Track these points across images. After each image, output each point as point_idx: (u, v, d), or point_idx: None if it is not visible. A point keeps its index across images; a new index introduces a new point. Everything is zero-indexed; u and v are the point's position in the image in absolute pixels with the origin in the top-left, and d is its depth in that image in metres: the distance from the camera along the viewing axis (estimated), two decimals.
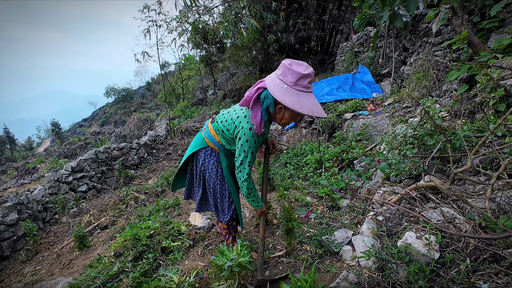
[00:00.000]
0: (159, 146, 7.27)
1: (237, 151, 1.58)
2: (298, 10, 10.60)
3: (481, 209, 1.69)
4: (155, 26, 7.17)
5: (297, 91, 1.38)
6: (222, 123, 1.66)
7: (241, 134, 1.52)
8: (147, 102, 31.06)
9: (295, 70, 1.36)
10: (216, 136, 1.74)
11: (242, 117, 1.54)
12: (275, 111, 1.49)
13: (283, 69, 1.40)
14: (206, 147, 1.80)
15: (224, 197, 1.88)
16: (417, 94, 4.23)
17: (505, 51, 2.86)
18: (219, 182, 1.83)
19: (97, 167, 5.41)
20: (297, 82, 1.37)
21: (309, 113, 1.36)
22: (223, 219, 1.91)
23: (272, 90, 1.40)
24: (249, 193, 1.68)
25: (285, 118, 1.51)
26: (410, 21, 5.36)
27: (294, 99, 1.36)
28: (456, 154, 2.07)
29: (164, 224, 2.62)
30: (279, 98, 1.38)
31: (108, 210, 4.05)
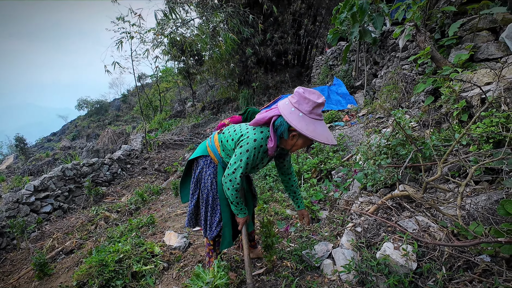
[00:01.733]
0: (134, 160, 6.95)
1: (233, 158, 1.55)
2: (274, 24, 10.93)
3: (452, 217, 1.74)
4: (129, 38, 7.00)
5: (313, 119, 1.41)
6: (229, 133, 1.66)
7: (244, 142, 1.52)
8: (123, 115, 29.99)
9: (310, 99, 1.39)
10: (218, 148, 1.74)
11: (251, 129, 1.56)
12: (288, 138, 1.50)
13: (298, 97, 1.42)
14: (207, 156, 1.80)
15: (214, 212, 1.83)
16: (388, 105, 4.43)
17: (464, 65, 3.09)
18: (212, 195, 1.80)
19: (64, 185, 5.02)
20: (312, 110, 1.40)
21: (324, 141, 1.39)
22: (209, 235, 1.84)
23: (289, 118, 1.41)
24: (237, 202, 1.66)
25: (297, 145, 1.54)
26: (379, 37, 5.69)
27: (311, 127, 1.39)
28: (427, 163, 2.14)
29: (135, 245, 2.44)
30: (297, 127, 1.39)
31: (75, 232, 3.73)
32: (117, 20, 6.90)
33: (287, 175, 1.89)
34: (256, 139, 1.50)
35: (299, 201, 1.93)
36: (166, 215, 3.62)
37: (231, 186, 1.58)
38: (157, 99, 17.09)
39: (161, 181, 5.79)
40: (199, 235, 2.85)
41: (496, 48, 3.04)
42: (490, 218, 1.60)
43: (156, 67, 10.85)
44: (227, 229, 1.82)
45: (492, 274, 1.37)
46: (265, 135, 1.52)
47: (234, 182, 1.56)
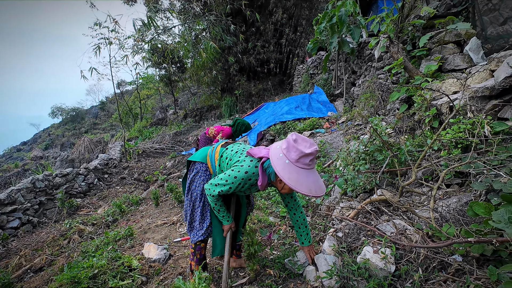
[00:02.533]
0: (112, 170, 6.68)
1: (222, 175, 1.58)
2: (257, 33, 11.12)
3: (427, 219, 1.81)
4: (107, 44, 6.83)
5: (298, 168, 1.40)
6: (231, 152, 1.69)
7: (237, 169, 1.55)
8: (101, 123, 28.90)
9: (298, 148, 1.40)
10: (217, 160, 1.77)
11: (249, 159, 1.58)
12: (276, 181, 1.55)
13: (288, 144, 1.44)
14: (204, 163, 1.83)
15: (204, 217, 1.85)
16: (366, 112, 4.60)
17: (433, 75, 3.29)
18: (202, 199, 1.82)
19: (34, 197, 4.71)
20: (298, 159, 1.40)
21: (306, 193, 1.37)
22: (193, 238, 1.85)
23: (274, 164, 1.43)
24: (218, 209, 1.70)
25: (285, 189, 1.57)
26: (356, 48, 5.95)
27: (293, 176, 1.38)
28: (402, 168, 2.23)
29: (112, 260, 2.32)
30: (279, 174, 1.40)
31: (45, 248, 3.48)
32: (95, 25, 6.72)
33: (291, 210, 1.87)
34: (248, 171, 1.53)
35: (302, 238, 1.88)
36: (146, 226, 3.49)
37: (209, 194, 1.64)
38: (137, 107, 16.66)
39: (141, 191, 5.59)
40: (180, 246, 2.76)
41: (461, 59, 3.27)
42: (461, 219, 1.69)
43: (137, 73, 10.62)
44: (217, 236, 1.85)
45: (464, 273, 1.43)
46: (256, 171, 1.54)
47: (211, 192, 1.61)
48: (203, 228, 1.84)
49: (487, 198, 1.73)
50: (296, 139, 1.43)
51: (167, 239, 2.99)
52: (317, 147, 1.45)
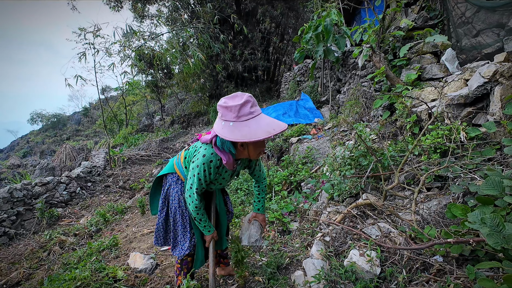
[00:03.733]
0: (95, 178, 6.47)
1: (189, 173, 1.56)
2: (244, 41, 11.26)
3: (409, 221, 1.88)
4: (93, 50, 6.70)
5: (244, 122, 1.34)
6: (192, 149, 1.66)
7: (196, 158, 1.52)
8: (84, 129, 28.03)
9: (231, 105, 1.34)
10: (183, 164, 1.72)
11: (204, 145, 1.54)
12: (238, 150, 1.49)
13: (221, 110, 1.38)
14: (174, 173, 1.77)
15: (185, 231, 1.78)
16: (351, 119, 4.73)
17: (413, 84, 3.45)
18: (180, 211, 1.75)
19: (11, 208, 4.48)
20: (239, 114, 1.33)
21: (266, 136, 1.31)
22: (179, 254, 1.78)
23: (221, 134, 1.36)
24: (200, 218, 1.63)
25: (251, 151, 1.49)
26: (341, 56, 6.14)
27: (245, 131, 1.32)
28: (386, 173, 2.31)
29: (96, 271, 2.24)
30: (230, 138, 1.34)
31: (23, 261, 3.31)
32: (80, 30, 6.59)
33: (257, 182, 1.88)
34: (205, 154, 1.47)
35: (260, 204, 1.90)
36: (131, 236, 3.40)
37: (191, 201, 1.57)
38: (122, 113, 16.31)
39: (126, 199, 5.44)
40: (167, 255, 2.70)
41: (438, 69, 3.45)
42: (441, 221, 1.76)
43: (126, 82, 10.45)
44: (199, 248, 1.78)
45: (445, 273, 1.49)
46: (213, 151, 1.48)
47: (193, 198, 1.55)
48: (186, 241, 1.77)
49: (464, 200, 1.82)
50: (225, 101, 1.38)
51: (153, 248, 2.92)
52: (249, 94, 1.39)
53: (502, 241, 1.15)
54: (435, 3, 4.38)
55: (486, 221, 1.25)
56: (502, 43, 3.27)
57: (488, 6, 3.61)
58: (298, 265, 2.10)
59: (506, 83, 2.11)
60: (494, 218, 1.24)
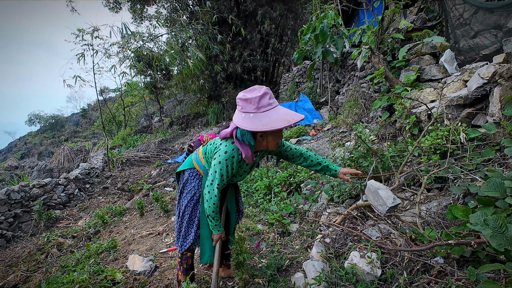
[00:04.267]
0: (94, 179, 6.43)
1: (210, 170, 1.60)
2: (243, 42, 11.27)
3: (410, 223, 1.87)
4: (91, 51, 6.69)
5: (264, 113, 1.39)
6: (211, 145, 1.70)
7: (217, 155, 1.56)
8: (82, 131, 27.93)
9: (251, 98, 1.40)
10: (202, 159, 1.77)
11: (224, 141, 1.59)
12: (257, 141, 1.53)
13: (241, 103, 1.44)
14: (192, 168, 1.82)
15: (191, 223, 1.81)
16: (350, 120, 4.74)
17: (412, 85, 3.45)
18: (191, 205, 1.79)
19: (8, 210, 4.45)
20: (259, 105, 1.39)
21: (285, 124, 1.37)
22: (181, 247, 1.81)
23: (242, 125, 1.41)
24: (213, 217, 1.64)
25: (271, 141, 1.53)
26: (340, 58, 6.15)
27: (265, 121, 1.37)
28: (386, 174, 2.31)
29: (94, 274, 2.22)
30: (252, 129, 1.38)
31: (20, 264, 3.28)
32: (79, 31, 6.57)
33: (297, 159, 1.82)
34: (227, 151, 1.52)
35: (331, 167, 1.80)
36: (130, 238, 3.37)
37: (209, 197, 1.59)
38: (121, 114, 16.27)
39: (125, 201, 5.41)
40: (166, 257, 2.69)
41: (437, 70, 3.46)
42: (441, 222, 1.76)
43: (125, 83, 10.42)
44: (207, 242, 1.80)
45: (446, 274, 1.48)
46: (235, 146, 1.53)
47: (213, 194, 1.57)
48: (189, 235, 1.81)
49: (465, 201, 1.82)
50: (244, 94, 1.43)
51: (152, 250, 2.90)
52: (266, 87, 1.44)
53: (505, 242, 1.15)
54: (434, 5, 4.40)
55: (489, 223, 1.24)
56: (500, 45, 3.28)
57: (486, 7, 3.62)
58: (298, 267, 2.08)
59: (505, 84, 2.12)
60: (497, 219, 1.23)
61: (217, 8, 9.80)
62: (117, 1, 11.06)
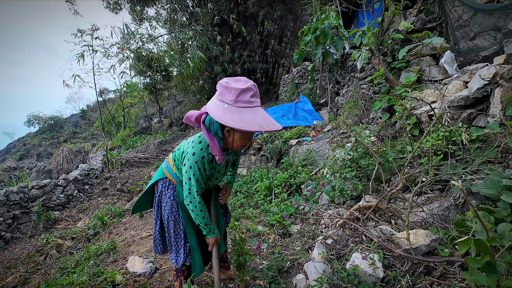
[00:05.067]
0: (93, 180, 6.41)
1: (184, 178, 1.48)
2: (243, 43, 11.28)
3: (412, 223, 1.87)
4: (91, 51, 6.68)
5: (240, 108, 1.25)
6: (178, 151, 1.60)
7: (186, 159, 1.44)
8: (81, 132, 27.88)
9: (233, 87, 1.25)
10: (173, 167, 1.65)
11: (190, 141, 1.48)
12: (224, 135, 1.38)
13: (221, 88, 1.29)
14: (164, 178, 1.70)
15: (178, 236, 1.71)
16: (350, 121, 4.74)
17: (412, 86, 3.46)
18: (173, 218, 1.68)
19: (7, 211, 4.43)
20: (237, 98, 1.25)
21: (257, 129, 1.21)
22: (176, 263, 1.71)
23: (213, 112, 1.27)
24: (205, 223, 1.56)
25: (237, 141, 1.38)
26: (340, 59, 6.16)
27: (237, 117, 1.23)
28: (388, 175, 2.30)
29: (94, 275, 2.20)
30: (220, 119, 1.24)
31: (19, 266, 3.26)
32: (79, 32, 6.57)
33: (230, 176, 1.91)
34: (195, 152, 1.41)
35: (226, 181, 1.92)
36: (130, 239, 3.36)
37: (193, 207, 1.49)
38: (120, 115, 16.25)
39: (124, 202, 5.39)
40: (167, 259, 2.67)
41: (437, 71, 3.47)
42: (443, 223, 1.75)
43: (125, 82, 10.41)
44: (195, 253, 1.70)
45: (448, 276, 1.48)
46: (204, 145, 1.42)
47: (195, 202, 1.48)
48: (181, 249, 1.70)
49: (465, 201, 1.82)
50: (227, 81, 1.29)
51: (152, 251, 2.89)
52: (253, 83, 1.31)
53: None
54: (433, 6, 4.41)
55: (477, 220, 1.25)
56: (500, 46, 3.29)
57: (484, 9, 3.63)
58: (300, 268, 2.07)
59: (506, 85, 2.12)
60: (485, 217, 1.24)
61: (217, 9, 9.82)
62: (117, 2, 11.07)
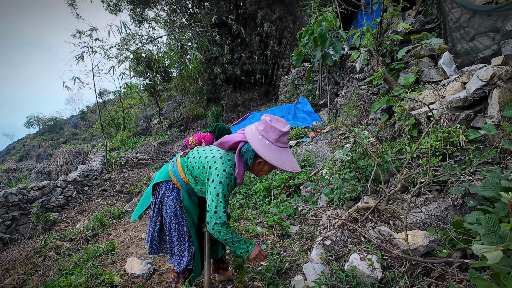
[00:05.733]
0: (92, 182, 6.40)
1: (209, 197, 1.45)
2: (242, 44, 11.30)
3: (410, 224, 1.87)
4: (91, 52, 6.68)
5: (278, 148, 1.42)
6: (194, 159, 1.58)
7: (215, 175, 1.44)
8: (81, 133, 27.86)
9: (276, 128, 1.41)
10: (181, 172, 1.64)
11: (218, 157, 1.49)
12: (254, 164, 1.50)
13: (265, 125, 1.43)
14: (169, 181, 1.70)
15: (182, 240, 1.70)
16: (349, 122, 4.74)
17: (411, 87, 3.46)
18: (176, 221, 1.67)
19: (6, 212, 4.42)
20: (278, 139, 1.42)
21: (289, 169, 1.41)
22: (178, 266, 1.69)
23: (255, 146, 1.41)
24: (237, 241, 1.51)
25: (263, 171, 1.54)
26: (339, 60, 6.18)
27: (277, 156, 1.40)
28: (386, 176, 2.30)
29: (92, 277, 2.20)
30: (263, 156, 1.39)
31: (17, 267, 3.25)
32: (78, 33, 6.57)
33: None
34: (226, 168, 1.44)
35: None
36: (129, 240, 3.35)
37: (219, 227, 1.44)
38: (120, 116, 16.24)
39: (123, 203, 5.38)
40: (165, 260, 2.67)
41: (436, 72, 3.48)
42: (441, 224, 1.75)
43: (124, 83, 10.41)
44: (198, 256, 1.72)
45: (446, 277, 1.48)
46: (232, 163, 1.47)
47: (221, 221, 1.44)
48: (184, 253, 1.70)
49: (464, 201, 1.82)
50: (271, 120, 1.44)
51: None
52: (289, 126, 1.48)
53: (497, 240, 1.15)
54: (432, 7, 4.43)
55: (481, 222, 1.25)
56: (498, 47, 3.30)
57: (482, 10, 3.65)
58: (298, 269, 2.07)
59: (504, 86, 2.12)
60: (489, 218, 1.24)
61: (216, 10, 9.85)
62: (117, 4, 11.10)
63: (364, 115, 4.56)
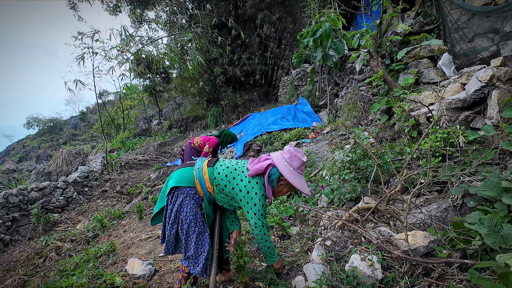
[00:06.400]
0: (92, 183, 6.41)
1: (250, 211, 1.70)
2: (242, 46, 11.33)
3: (410, 225, 1.88)
4: (91, 54, 6.70)
5: (298, 173, 1.74)
6: (225, 173, 1.74)
7: (253, 193, 1.69)
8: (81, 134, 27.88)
9: (299, 158, 1.74)
10: (207, 182, 1.75)
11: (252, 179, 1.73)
12: (277, 186, 1.78)
13: (290, 154, 1.74)
14: (193, 187, 1.75)
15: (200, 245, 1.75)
16: (349, 123, 4.75)
17: (411, 87, 3.48)
18: (195, 226, 1.73)
19: (6, 213, 4.42)
20: (300, 167, 1.74)
21: (306, 192, 1.74)
22: (193, 268, 1.73)
23: (283, 170, 1.71)
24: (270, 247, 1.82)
25: (282, 192, 1.83)
26: (339, 61, 6.19)
27: (298, 180, 1.72)
28: (386, 177, 2.31)
29: (93, 278, 2.21)
30: (289, 179, 1.69)
31: (18, 268, 3.25)
32: (79, 35, 6.59)
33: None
34: (261, 187, 1.73)
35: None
36: (129, 241, 3.35)
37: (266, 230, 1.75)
38: (120, 117, 16.26)
39: (124, 204, 5.39)
40: (166, 261, 2.67)
41: (435, 73, 3.49)
42: (441, 225, 1.76)
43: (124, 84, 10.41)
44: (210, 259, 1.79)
45: (447, 277, 1.48)
46: (261, 184, 1.74)
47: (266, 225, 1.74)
48: (200, 256, 1.74)
49: (464, 202, 1.83)
50: (296, 151, 1.75)
51: (152, 253, 2.89)
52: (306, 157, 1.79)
53: (500, 240, 1.15)
54: (431, 9, 4.45)
55: (484, 222, 1.25)
56: (497, 48, 3.32)
57: (481, 11, 3.67)
58: (299, 270, 2.08)
59: (504, 87, 2.14)
60: (492, 218, 1.24)
61: (217, 11, 9.87)
62: (117, 5, 11.12)
63: (364, 116, 4.57)
